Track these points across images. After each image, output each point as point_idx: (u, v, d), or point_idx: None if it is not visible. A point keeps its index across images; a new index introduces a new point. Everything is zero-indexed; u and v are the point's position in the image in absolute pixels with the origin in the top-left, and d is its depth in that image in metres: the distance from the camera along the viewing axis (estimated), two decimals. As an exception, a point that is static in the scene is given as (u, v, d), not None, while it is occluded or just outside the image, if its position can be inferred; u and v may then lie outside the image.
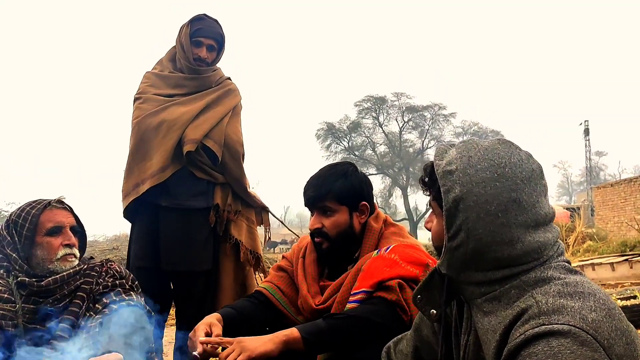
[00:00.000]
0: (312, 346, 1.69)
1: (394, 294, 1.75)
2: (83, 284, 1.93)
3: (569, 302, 1.08)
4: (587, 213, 24.59)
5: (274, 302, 2.04)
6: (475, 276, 1.20)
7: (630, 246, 11.97)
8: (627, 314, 4.29)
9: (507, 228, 1.16)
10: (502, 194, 1.16)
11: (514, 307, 1.14)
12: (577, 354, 1.01)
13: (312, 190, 1.99)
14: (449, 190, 1.19)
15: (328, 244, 1.97)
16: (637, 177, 20.18)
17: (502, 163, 1.20)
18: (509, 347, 1.09)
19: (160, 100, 2.84)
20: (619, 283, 7.16)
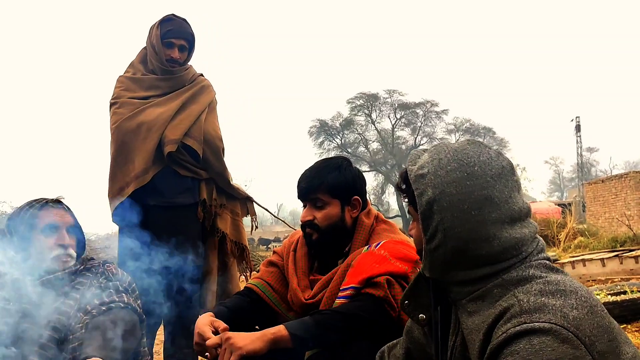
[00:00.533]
0: (300, 343, 1.69)
1: (382, 290, 1.76)
2: (78, 284, 1.93)
3: (551, 300, 1.10)
4: (578, 209, 24.73)
5: (265, 299, 2.04)
6: (458, 276, 1.22)
7: (621, 242, 12.08)
8: (617, 309, 4.37)
9: (483, 225, 1.17)
10: (474, 192, 1.18)
11: (496, 306, 1.15)
12: (558, 351, 1.02)
13: (305, 182, 2.00)
14: (422, 194, 1.22)
15: (318, 235, 1.98)
16: (628, 173, 20.27)
17: (471, 162, 1.22)
18: (492, 346, 1.10)
19: (136, 104, 2.86)
20: (609, 279, 7.21)
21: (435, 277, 1.27)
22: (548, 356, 1.02)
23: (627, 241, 12.09)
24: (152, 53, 2.89)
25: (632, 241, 11.93)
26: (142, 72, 2.95)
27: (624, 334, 1.17)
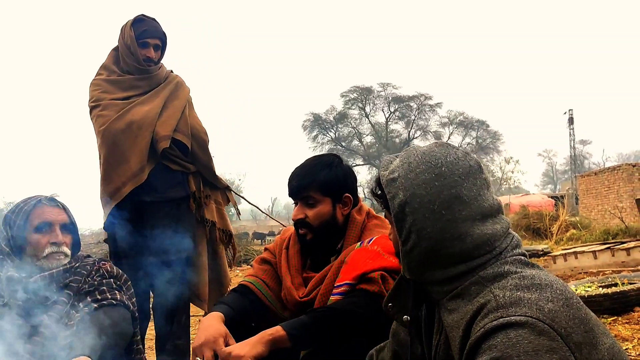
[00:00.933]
0: (298, 342, 1.70)
1: (376, 286, 1.78)
2: (71, 282, 1.93)
3: (526, 294, 1.12)
4: (571, 201, 24.84)
5: (261, 298, 2.04)
6: (435, 275, 1.24)
7: (613, 234, 12.13)
8: (608, 301, 4.40)
9: (454, 223, 1.21)
10: (442, 192, 1.22)
11: (474, 302, 1.17)
12: (535, 343, 1.04)
13: (296, 180, 2.00)
14: (394, 197, 1.25)
15: (312, 235, 1.98)
16: (621, 166, 20.38)
17: (438, 163, 1.26)
18: (471, 342, 1.12)
19: (120, 104, 2.90)
20: (600, 271, 7.25)
21: (414, 278, 1.30)
22: (525, 348, 1.04)
23: (619, 233, 12.15)
24: (127, 54, 2.95)
25: (624, 233, 12.00)
26: (117, 74, 3.00)
27: (602, 326, 1.20)
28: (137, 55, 2.92)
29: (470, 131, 49.52)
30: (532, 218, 16.67)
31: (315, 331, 1.71)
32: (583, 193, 22.89)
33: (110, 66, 3.02)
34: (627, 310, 4.32)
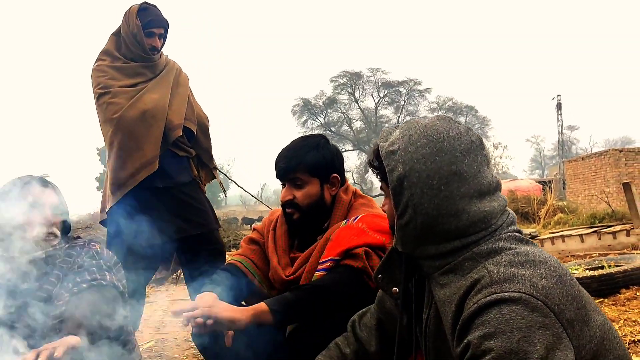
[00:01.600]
0: (280, 319, 1.71)
1: (360, 261, 1.78)
2: (61, 263, 1.92)
3: (520, 270, 1.12)
4: (558, 186, 25.08)
5: (249, 277, 2.04)
6: (429, 250, 1.24)
7: (599, 218, 12.27)
8: (595, 283, 4.45)
9: (451, 200, 1.19)
10: (442, 168, 1.20)
11: (467, 278, 1.17)
12: (528, 319, 1.05)
13: (284, 162, 1.99)
14: (393, 170, 1.23)
15: (299, 214, 1.98)
16: (608, 151, 20.56)
17: (440, 138, 1.23)
18: (464, 317, 1.12)
19: (129, 92, 2.92)
20: (587, 254, 7.33)
21: (407, 251, 1.29)
22: (518, 324, 1.04)
23: (605, 217, 12.29)
24: (132, 42, 2.95)
25: (610, 217, 12.14)
26: (122, 60, 3.00)
27: (593, 303, 1.21)
28: (144, 44, 2.93)
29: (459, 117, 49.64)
30: (520, 202, 16.82)
31: (298, 307, 1.72)
32: (570, 178, 23.08)
33: (113, 52, 3.01)
34: (614, 292, 4.38)
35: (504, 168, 48.18)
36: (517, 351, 1.02)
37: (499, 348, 1.03)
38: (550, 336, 1.04)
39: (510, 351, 1.03)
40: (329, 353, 1.58)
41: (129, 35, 2.95)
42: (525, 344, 1.03)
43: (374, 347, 1.55)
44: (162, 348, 3.59)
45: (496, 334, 1.05)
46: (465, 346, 1.10)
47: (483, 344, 1.06)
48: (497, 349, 1.03)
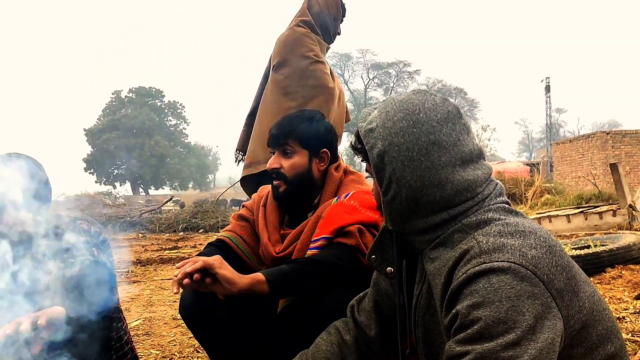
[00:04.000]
0: (276, 288, 1.68)
1: (354, 239, 1.77)
2: (47, 241, 1.88)
3: (509, 240, 1.12)
4: (546, 168, 25.26)
5: (237, 252, 2.02)
6: (418, 224, 1.23)
7: (586, 199, 12.39)
8: (581, 263, 4.50)
9: (433, 170, 1.19)
10: (420, 139, 1.20)
11: (456, 249, 1.17)
12: (516, 289, 1.04)
13: (276, 128, 1.99)
14: (373, 147, 1.23)
15: (285, 186, 1.97)
16: (595, 133, 20.71)
17: (416, 110, 1.23)
18: (453, 287, 1.12)
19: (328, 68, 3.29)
20: (574, 234, 7.41)
21: (397, 228, 1.28)
22: (507, 294, 1.04)
23: (592, 198, 12.41)
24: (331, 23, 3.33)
25: (597, 198, 12.26)
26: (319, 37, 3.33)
27: (583, 275, 1.21)
28: (335, 29, 3.26)
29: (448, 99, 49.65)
30: (508, 184, 16.90)
31: (295, 279, 1.71)
32: (558, 160, 23.27)
33: (313, 25, 3.30)
34: (599, 271, 4.43)
35: (492, 150, 48.46)
36: (505, 320, 1.02)
37: (487, 317, 1.03)
38: (539, 305, 1.04)
39: (498, 320, 1.03)
40: (330, 338, 1.56)
41: (329, 17, 3.27)
42: (514, 313, 1.03)
43: (374, 331, 1.54)
44: (149, 327, 3.58)
45: (484, 304, 1.05)
46: (454, 316, 1.10)
47: (471, 313, 1.06)
48: (486, 319, 1.03)
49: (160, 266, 6.70)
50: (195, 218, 13.58)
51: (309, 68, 3.22)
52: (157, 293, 4.86)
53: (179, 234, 12.36)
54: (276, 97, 3.29)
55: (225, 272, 1.59)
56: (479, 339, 1.03)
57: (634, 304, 3.40)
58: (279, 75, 3.31)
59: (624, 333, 2.80)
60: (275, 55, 3.37)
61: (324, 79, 3.23)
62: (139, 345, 3.11)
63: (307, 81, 3.21)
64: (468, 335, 1.05)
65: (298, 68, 3.24)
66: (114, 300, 2.00)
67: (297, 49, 3.25)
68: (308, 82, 3.21)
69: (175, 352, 2.98)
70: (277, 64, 3.34)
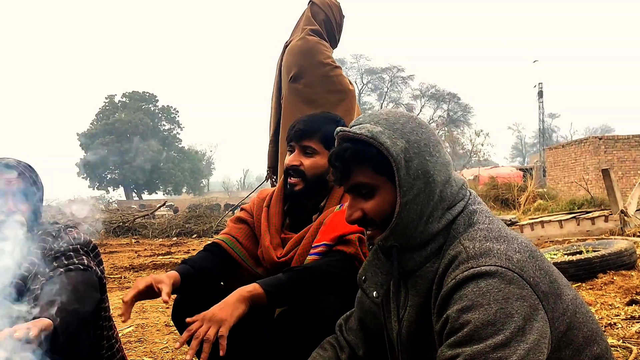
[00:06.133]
0: (274, 300, 1.69)
1: (353, 248, 1.79)
2: (36, 249, 1.87)
3: (495, 245, 1.14)
4: (539, 173, 25.34)
5: (232, 255, 2.02)
6: (426, 230, 1.21)
7: (578, 204, 12.45)
8: (573, 268, 4.51)
9: (445, 167, 1.24)
10: (430, 137, 1.24)
11: (446, 255, 1.19)
12: (505, 291, 1.06)
13: (303, 124, 1.97)
14: (393, 144, 1.19)
15: (303, 185, 1.96)
16: (588, 139, 20.81)
17: (412, 116, 1.29)
18: (443, 293, 1.13)
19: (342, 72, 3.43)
20: (566, 239, 7.43)
21: (402, 240, 1.23)
22: (495, 297, 1.06)
23: (584, 203, 12.47)
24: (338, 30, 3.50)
25: (589, 203, 12.32)
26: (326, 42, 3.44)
27: (564, 279, 1.24)
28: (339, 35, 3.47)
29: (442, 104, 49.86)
30: (501, 189, 16.98)
31: (292, 289, 1.71)
32: (550, 165, 23.35)
33: (321, 33, 3.41)
34: (591, 276, 4.45)
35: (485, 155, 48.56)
36: (494, 322, 1.04)
37: (477, 320, 1.05)
38: (527, 307, 1.06)
39: (487, 323, 1.04)
40: (326, 354, 1.55)
41: (336, 25, 3.41)
42: (503, 315, 1.04)
43: (362, 350, 1.54)
44: (142, 333, 3.57)
45: (474, 307, 1.06)
46: (445, 321, 1.11)
47: (461, 317, 1.07)
48: (475, 321, 1.05)
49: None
50: (189, 223, 13.55)
51: (330, 74, 3.27)
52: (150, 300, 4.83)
53: (173, 239, 12.33)
54: (299, 107, 3.29)
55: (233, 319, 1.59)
56: (469, 342, 1.05)
57: (625, 309, 3.42)
58: (298, 85, 3.33)
59: (615, 339, 2.82)
60: (292, 66, 3.37)
61: (345, 83, 3.30)
62: (132, 353, 3.10)
63: (330, 87, 3.27)
64: (458, 339, 1.06)
65: (319, 75, 3.29)
66: (104, 308, 1.99)
67: (314, 57, 3.29)
68: (331, 87, 3.27)
69: (168, 359, 2.98)
70: (295, 75, 3.34)
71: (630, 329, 2.98)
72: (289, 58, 3.41)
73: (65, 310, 1.56)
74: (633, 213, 7.73)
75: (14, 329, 1.35)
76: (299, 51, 3.36)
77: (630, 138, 19.74)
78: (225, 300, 1.63)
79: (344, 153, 1.24)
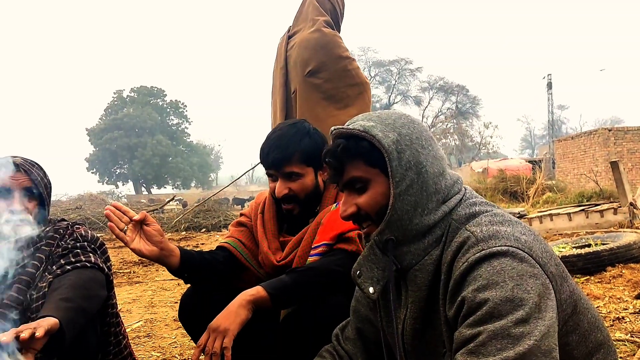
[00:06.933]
0: (279, 302, 1.69)
1: (354, 245, 1.77)
2: (43, 246, 1.88)
3: (502, 227, 1.16)
4: (548, 165, 25.22)
5: (237, 256, 2.01)
6: (423, 221, 1.23)
7: (587, 197, 12.38)
8: (581, 261, 4.49)
9: (438, 160, 1.27)
10: (422, 132, 1.28)
11: (452, 244, 1.19)
12: (518, 269, 1.07)
13: (278, 152, 1.89)
14: (385, 137, 1.23)
15: (299, 208, 1.94)
16: (597, 130, 20.64)
17: (404, 114, 1.33)
18: (455, 277, 1.13)
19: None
20: (574, 232, 7.39)
21: (398, 233, 1.24)
22: (510, 274, 1.06)
23: (593, 196, 12.39)
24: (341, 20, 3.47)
25: (598, 196, 12.24)
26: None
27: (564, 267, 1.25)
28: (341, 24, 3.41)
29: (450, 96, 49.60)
30: (510, 182, 16.90)
31: (296, 290, 1.70)
32: (560, 157, 23.20)
33: (331, 24, 3.37)
34: (600, 270, 4.42)
35: (494, 147, 48.32)
36: (512, 299, 1.04)
37: (495, 297, 1.04)
38: (540, 285, 1.07)
39: (505, 299, 1.04)
40: None
41: (340, 13, 3.41)
42: (520, 291, 1.04)
43: (360, 359, 1.53)
44: (150, 328, 3.59)
45: (489, 285, 1.06)
46: (460, 303, 1.10)
47: (477, 296, 1.07)
48: (493, 298, 1.04)
49: (162, 267, 6.70)
50: (198, 217, 13.59)
51: (348, 67, 3.24)
52: (159, 294, 4.87)
53: (182, 233, 12.37)
54: (320, 102, 3.26)
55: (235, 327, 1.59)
56: (489, 319, 1.04)
57: (634, 303, 3.40)
58: (317, 80, 3.26)
59: (623, 333, 2.81)
60: (309, 60, 3.27)
61: (362, 76, 3.31)
62: (140, 348, 3.12)
63: (349, 80, 3.24)
64: (477, 317, 1.06)
65: (339, 69, 3.25)
66: (111, 305, 2.00)
67: (334, 51, 3.24)
68: (350, 81, 3.25)
69: (176, 354, 2.99)
70: (314, 69, 3.26)
71: (638, 323, 2.96)
72: (305, 52, 3.30)
73: (72, 309, 1.56)
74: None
75: (20, 329, 1.35)
76: (317, 44, 3.27)
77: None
78: (228, 307, 1.63)
79: (336, 149, 1.28)
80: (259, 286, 1.68)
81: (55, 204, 16.00)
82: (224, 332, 1.58)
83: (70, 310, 1.55)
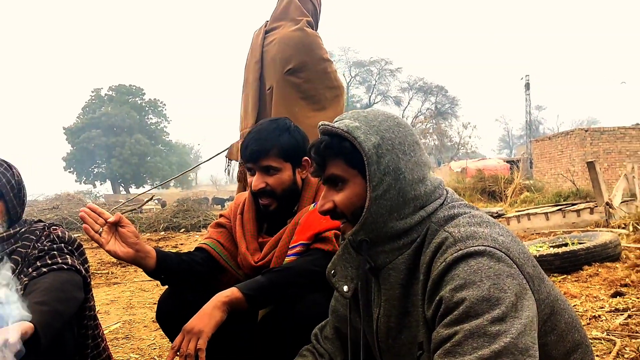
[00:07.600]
0: (255, 303, 1.68)
1: (331, 245, 1.78)
2: (19, 247, 1.85)
3: (479, 228, 1.17)
4: (525, 165, 25.50)
5: (216, 257, 2.00)
6: (397, 225, 1.24)
7: (565, 196, 12.55)
8: (558, 260, 4.55)
9: (419, 166, 1.26)
10: (407, 136, 1.28)
11: (431, 245, 1.20)
12: (495, 268, 1.08)
13: (256, 144, 1.90)
14: (366, 140, 1.23)
15: (276, 204, 1.93)
16: (574, 130, 20.94)
17: (392, 115, 1.32)
18: (433, 277, 1.14)
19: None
20: (552, 232, 7.50)
21: (371, 235, 1.25)
22: (486, 273, 1.07)
23: (570, 196, 12.57)
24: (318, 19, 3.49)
25: (575, 196, 12.42)
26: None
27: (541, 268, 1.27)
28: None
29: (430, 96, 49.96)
30: (488, 181, 17.08)
31: (272, 291, 1.70)
32: (537, 157, 23.50)
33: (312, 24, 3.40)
34: (576, 268, 4.49)
35: (472, 147, 48.77)
36: (489, 298, 1.04)
37: (471, 296, 1.05)
38: (517, 285, 1.08)
39: (482, 298, 1.04)
40: None
41: (318, 14, 3.44)
42: (496, 290, 1.05)
43: (339, 358, 1.53)
44: (129, 330, 3.55)
45: (467, 285, 1.07)
46: (438, 303, 1.11)
47: (455, 296, 1.07)
48: (470, 298, 1.05)
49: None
50: (177, 217, 13.48)
51: (328, 70, 3.28)
52: (137, 295, 4.82)
53: (160, 233, 12.26)
54: (298, 102, 3.25)
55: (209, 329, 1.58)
56: (466, 318, 1.05)
57: (610, 302, 3.45)
58: (297, 79, 3.25)
59: (599, 332, 2.85)
60: (290, 58, 3.26)
61: (339, 79, 3.34)
62: (118, 350, 3.08)
63: (328, 83, 3.27)
64: (454, 317, 1.06)
65: (319, 71, 3.27)
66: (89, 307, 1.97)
67: (316, 52, 3.26)
68: (329, 84, 3.28)
69: (155, 355, 2.96)
70: (294, 68, 3.25)
71: (615, 322, 3.01)
72: (287, 49, 3.29)
73: (47, 312, 1.53)
74: (618, 205, 7.82)
75: None
76: (300, 43, 3.27)
77: (616, 130, 19.90)
78: (203, 308, 1.62)
79: (320, 145, 1.30)
80: (234, 287, 1.68)
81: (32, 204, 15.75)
82: (198, 333, 1.57)
83: (45, 313, 1.52)
